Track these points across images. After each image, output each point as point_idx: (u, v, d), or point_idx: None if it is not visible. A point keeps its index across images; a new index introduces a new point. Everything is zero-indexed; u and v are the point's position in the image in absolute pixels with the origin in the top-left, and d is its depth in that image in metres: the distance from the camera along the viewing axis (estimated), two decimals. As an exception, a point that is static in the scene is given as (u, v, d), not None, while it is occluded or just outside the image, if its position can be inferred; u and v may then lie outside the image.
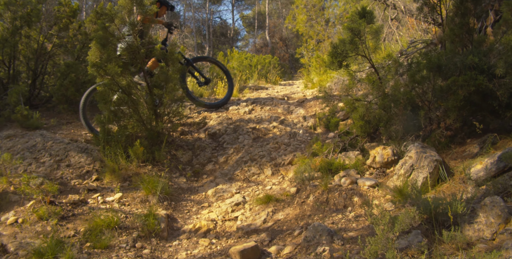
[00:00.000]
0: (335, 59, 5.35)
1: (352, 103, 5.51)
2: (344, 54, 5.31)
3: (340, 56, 5.33)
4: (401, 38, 12.02)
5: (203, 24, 29.17)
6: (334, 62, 5.38)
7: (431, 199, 3.16)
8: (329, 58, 5.43)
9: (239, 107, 8.24)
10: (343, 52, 5.32)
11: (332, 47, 5.39)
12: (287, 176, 5.78)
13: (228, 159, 6.30)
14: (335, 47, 5.36)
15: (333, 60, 5.37)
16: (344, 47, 5.28)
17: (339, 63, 5.41)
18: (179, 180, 5.85)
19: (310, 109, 8.05)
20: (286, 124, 7.32)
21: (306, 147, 6.33)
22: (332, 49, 5.39)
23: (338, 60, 5.36)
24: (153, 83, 6.32)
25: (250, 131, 7.02)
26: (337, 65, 5.42)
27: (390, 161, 4.93)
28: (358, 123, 5.48)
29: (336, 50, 5.35)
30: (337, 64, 5.41)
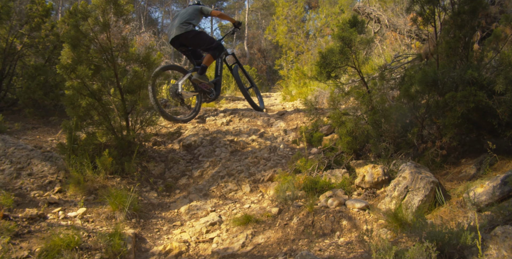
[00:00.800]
0: (323, 69, 5.02)
1: (339, 117, 5.17)
2: (333, 64, 4.98)
3: (329, 67, 5.00)
4: (384, 52, 11.87)
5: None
6: (322, 73, 5.05)
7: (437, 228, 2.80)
8: (317, 68, 5.09)
9: (217, 118, 7.83)
10: (332, 62, 4.99)
11: (321, 57, 5.06)
12: (267, 193, 5.38)
13: (204, 173, 5.87)
14: (324, 57, 5.03)
15: (322, 71, 5.04)
16: (334, 57, 4.95)
17: (327, 74, 5.08)
18: (149, 194, 5.39)
19: (291, 122, 7.70)
20: (266, 137, 6.94)
21: (287, 162, 5.96)
22: (321, 59, 5.06)
23: (327, 71, 5.03)
24: (126, 88, 5.86)
25: (228, 144, 6.61)
26: (325, 76, 5.09)
27: (381, 181, 4.60)
28: (345, 139, 5.15)
29: (325, 60, 5.02)
30: (325, 75, 5.08)
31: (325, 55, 5.02)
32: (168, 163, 6.12)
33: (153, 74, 6.43)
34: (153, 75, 6.44)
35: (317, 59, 5.11)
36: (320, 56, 5.08)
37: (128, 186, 5.28)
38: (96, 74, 5.66)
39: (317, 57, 5.11)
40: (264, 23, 29.21)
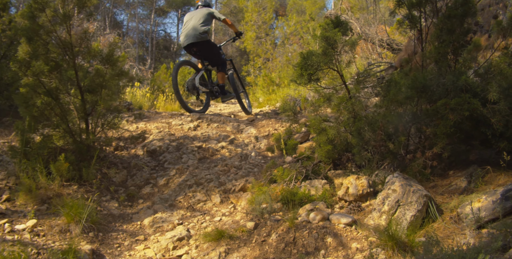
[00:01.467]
0: (304, 71, 4.68)
1: (319, 124, 4.84)
2: (316, 66, 4.65)
3: (311, 68, 4.67)
4: (355, 60, 11.73)
5: (146, 36, 28.00)
6: (303, 75, 4.71)
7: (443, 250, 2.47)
8: (297, 70, 4.75)
9: (183, 122, 7.38)
10: (314, 64, 4.66)
11: (302, 58, 4.72)
12: (239, 205, 4.98)
13: (170, 182, 5.41)
14: (305, 57, 4.69)
15: (303, 73, 4.70)
16: (317, 58, 4.62)
17: (309, 77, 4.75)
18: (110, 204, 4.89)
19: (262, 129, 7.34)
20: (236, 144, 6.54)
21: (261, 171, 5.58)
22: (302, 60, 4.72)
23: (308, 73, 4.69)
24: (86, 87, 5.36)
25: (196, 151, 6.18)
26: (306, 79, 4.75)
27: (365, 193, 4.28)
28: (324, 147, 4.81)
29: (306, 61, 4.68)
30: (306, 78, 4.73)
31: (306, 56, 4.69)
32: (130, 170, 5.63)
33: (176, 66, 7.68)
34: (175, 67, 7.58)
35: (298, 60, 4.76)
36: (301, 57, 4.74)
37: (86, 195, 4.77)
38: (54, 71, 5.14)
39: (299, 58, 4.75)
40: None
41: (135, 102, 9.91)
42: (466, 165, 4.37)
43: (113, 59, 5.47)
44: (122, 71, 5.65)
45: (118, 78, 5.73)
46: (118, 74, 5.67)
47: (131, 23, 27.74)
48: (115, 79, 5.68)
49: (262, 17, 16.84)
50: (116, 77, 5.70)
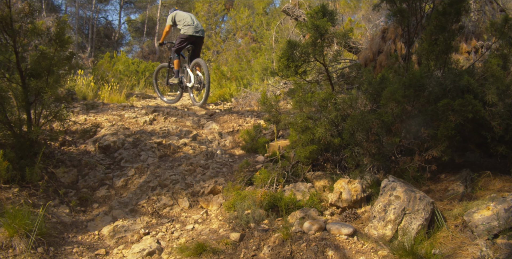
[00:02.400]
0: (292, 63, 4.14)
1: (303, 121, 4.32)
2: (304, 58, 4.13)
3: (300, 60, 4.14)
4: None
5: (86, 23, 26.38)
6: (290, 67, 4.17)
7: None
8: (283, 61, 4.20)
9: (137, 115, 6.65)
10: (302, 55, 4.14)
11: (289, 47, 4.17)
12: (210, 209, 4.39)
13: (129, 183, 4.72)
14: (292, 47, 4.15)
15: (289, 64, 4.16)
16: (305, 49, 4.10)
17: (296, 69, 4.21)
18: (59, 210, 4.14)
19: (225, 125, 6.74)
20: (200, 141, 5.92)
21: (234, 172, 5.01)
22: (288, 50, 4.18)
23: (295, 65, 4.16)
24: (29, 71, 4.55)
25: (156, 147, 5.50)
26: (293, 71, 4.21)
27: (359, 199, 3.83)
28: (309, 147, 4.31)
29: (292, 51, 4.14)
30: (293, 70, 4.20)
31: (293, 45, 4.15)
32: (82, 169, 4.87)
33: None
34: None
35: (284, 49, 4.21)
36: (287, 46, 4.19)
37: (30, 199, 4.01)
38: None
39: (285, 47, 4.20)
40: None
41: (78, 92, 8.99)
42: (456, 168, 4.05)
43: (64, 40, 4.69)
44: (72, 53, 4.87)
45: (67, 62, 4.95)
46: (68, 57, 4.89)
47: (69, 7, 26.04)
48: (64, 63, 4.90)
49: (214, 8, 16.16)
50: (65, 61, 4.92)
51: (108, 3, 28.53)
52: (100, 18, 27.47)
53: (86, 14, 26.41)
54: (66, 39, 4.75)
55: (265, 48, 13.44)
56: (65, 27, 4.83)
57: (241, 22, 16.32)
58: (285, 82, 9.45)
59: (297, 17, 12.31)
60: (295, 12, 12.33)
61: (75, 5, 25.08)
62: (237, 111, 7.61)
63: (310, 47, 4.10)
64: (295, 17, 12.31)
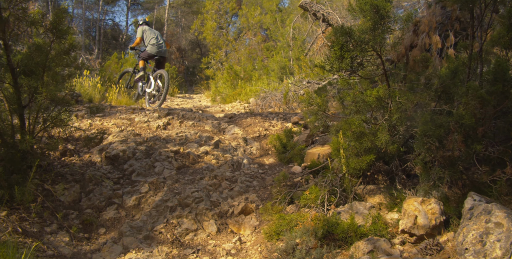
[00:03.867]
0: (347, 53, 3.29)
1: (357, 127, 3.46)
2: (362, 46, 3.28)
3: (357, 49, 3.28)
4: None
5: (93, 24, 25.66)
6: (345, 58, 3.32)
7: None
8: (336, 51, 3.35)
9: (149, 119, 5.84)
10: (359, 44, 3.29)
11: (341, 33, 3.31)
12: (243, 234, 3.57)
13: (142, 202, 3.90)
14: (348, 33, 3.29)
15: (344, 54, 3.31)
16: (364, 35, 3.25)
17: (352, 60, 3.36)
18: (57, 238, 3.32)
19: (249, 129, 5.91)
20: (223, 148, 5.09)
21: (268, 187, 4.17)
22: (341, 37, 3.32)
23: (351, 55, 3.31)
24: (22, 68, 3.76)
25: (172, 157, 4.68)
26: (348, 63, 3.36)
27: (439, 223, 2.98)
28: (365, 158, 3.46)
29: (347, 39, 3.29)
30: (349, 62, 3.34)
31: (346, 31, 3.29)
32: (85, 185, 4.05)
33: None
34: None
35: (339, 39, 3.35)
36: (339, 33, 3.33)
37: (20, 226, 3.19)
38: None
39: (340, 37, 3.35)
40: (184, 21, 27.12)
41: (84, 94, 8.21)
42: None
43: (61, 30, 3.88)
44: (73, 46, 4.06)
45: (67, 57, 4.15)
46: (67, 51, 4.08)
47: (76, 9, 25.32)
48: (62, 58, 4.09)
49: (225, 5, 15.35)
50: (65, 56, 4.12)
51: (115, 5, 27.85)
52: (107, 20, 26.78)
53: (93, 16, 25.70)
54: (65, 29, 3.95)
55: (281, 45, 12.61)
56: (65, 16, 4.03)
57: (253, 20, 15.51)
58: (308, 81, 8.62)
59: (316, 12, 11.49)
60: (313, 6, 11.50)
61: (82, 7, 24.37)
62: (260, 113, 6.78)
63: (369, 33, 3.25)
64: (313, 12, 11.49)
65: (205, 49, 26.95)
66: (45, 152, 4.32)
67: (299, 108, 8.18)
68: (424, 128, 3.14)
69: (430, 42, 6.85)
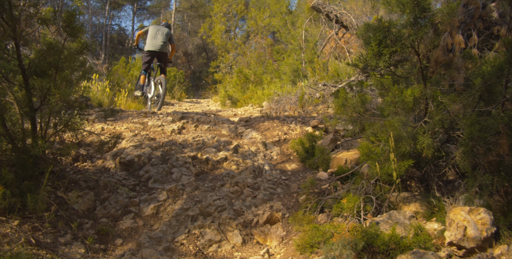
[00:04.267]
0: (385, 49, 3.04)
1: (397, 129, 3.20)
2: (403, 42, 3.03)
3: (398, 44, 3.03)
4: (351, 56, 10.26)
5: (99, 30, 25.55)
6: (383, 55, 3.07)
7: None
8: (373, 47, 3.10)
9: (163, 123, 5.61)
10: (399, 39, 3.04)
11: (381, 28, 3.06)
12: (270, 245, 3.32)
13: (161, 211, 3.65)
14: (384, 27, 3.04)
15: (382, 51, 3.06)
16: (404, 30, 3.00)
17: (390, 57, 3.12)
18: (72, 250, 3.08)
19: (268, 133, 5.66)
20: (242, 153, 4.85)
21: (294, 195, 3.92)
22: (379, 32, 3.07)
23: (390, 51, 3.06)
24: (33, 68, 3.54)
25: (190, 163, 4.44)
26: (387, 60, 3.10)
27: (490, 235, 2.72)
28: (403, 163, 3.21)
29: (386, 34, 3.04)
30: (387, 58, 3.09)
31: (386, 26, 3.04)
32: (100, 192, 3.82)
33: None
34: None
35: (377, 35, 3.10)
36: (375, 28, 3.08)
37: (33, 236, 2.96)
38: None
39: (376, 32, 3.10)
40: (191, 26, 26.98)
41: (93, 98, 8.03)
42: None
43: (75, 27, 3.67)
44: (86, 44, 3.84)
45: (80, 57, 3.93)
46: (80, 50, 3.86)
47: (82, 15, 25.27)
48: (76, 58, 3.88)
49: (233, 8, 15.15)
50: (77, 55, 3.90)
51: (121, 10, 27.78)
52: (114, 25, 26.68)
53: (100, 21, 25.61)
54: (78, 28, 3.73)
55: (292, 48, 12.39)
56: (77, 13, 3.81)
57: (262, 22, 15.30)
58: (324, 84, 8.38)
59: (329, 13, 11.26)
60: (325, 7, 11.28)
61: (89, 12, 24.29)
62: (277, 117, 6.53)
63: (409, 28, 3.01)
64: (326, 13, 11.26)
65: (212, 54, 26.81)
66: (58, 157, 4.10)
67: (314, 112, 7.94)
68: (470, 130, 2.88)
69: (453, 42, 6.59)
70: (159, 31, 8.69)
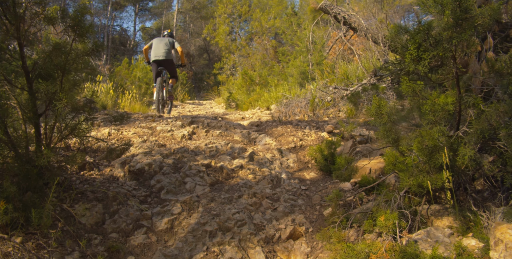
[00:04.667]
0: (425, 53, 2.77)
1: (433, 139, 2.93)
2: (444, 45, 2.76)
3: (439, 49, 2.76)
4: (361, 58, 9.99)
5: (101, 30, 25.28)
6: (423, 59, 2.80)
7: None
8: (412, 51, 2.82)
9: (172, 128, 5.34)
10: (439, 43, 2.77)
11: (420, 31, 2.79)
12: (295, 265, 3.05)
13: (175, 226, 3.38)
14: (425, 29, 2.77)
15: (421, 55, 2.79)
16: (446, 32, 2.73)
17: (431, 61, 2.84)
18: (79, 271, 2.81)
19: (282, 139, 5.40)
20: (258, 161, 4.58)
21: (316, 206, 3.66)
22: (418, 34, 2.80)
23: (431, 55, 2.78)
24: (38, 71, 3.28)
25: (204, 171, 4.17)
26: (426, 65, 2.83)
27: (546, 259, 2.46)
28: (438, 176, 2.95)
29: (426, 36, 2.77)
30: (427, 63, 2.82)
31: (426, 28, 2.77)
32: (109, 204, 3.55)
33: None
34: None
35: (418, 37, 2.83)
36: (418, 30, 2.81)
37: (38, 255, 2.69)
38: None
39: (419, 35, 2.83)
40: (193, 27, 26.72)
41: (97, 100, 7.75)
42: None
43: (84, 27, 3.40)
44: (97, 45, 3.57)
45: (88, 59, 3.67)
46: (88, 52, 3.60)
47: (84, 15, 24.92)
48: (84, 60, 3.61)
49: (238, 9, 14.89)
50: (86, 57, 3.64)
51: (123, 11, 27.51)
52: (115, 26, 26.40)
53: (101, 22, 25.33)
54: (87, 27, 3.47)
55: (299, 50, 12.12)
56: (86, 12, 3.55)
57: (267, 24, 15.04)
58: (335, 87, 8.11)
59: (336, 14, 10.99)
60: (333, 9, 11.01)
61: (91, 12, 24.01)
62: (290, 122, 6.27)
63: (451, 30, 2.74)
64: (334, 14, 10.99)
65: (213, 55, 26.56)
66: (63, 166, 3.82)
67: (325, 115, 7.68)
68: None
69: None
70: (161, 41, 9.08)
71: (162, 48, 8.98)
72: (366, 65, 9.55)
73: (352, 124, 5.42)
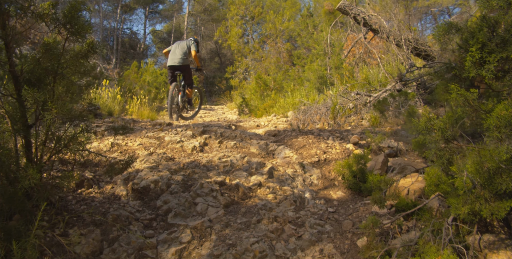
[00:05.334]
0: (491, 55, 2.24)
1: (498, 161, 2.39)
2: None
3: (509, 50, 2.23)
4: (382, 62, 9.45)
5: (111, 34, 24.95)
6: (489, 63, 2.27)
7: None
8: (474, 54, 2.29)
9: (182, 139, 4.85)
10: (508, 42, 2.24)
11: (484, 28, 2.27)
12: None
13: (184, 257, 2.88)
14: (488, 26, 2.25)
15: (486, 57, 2.26)
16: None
17: (498, 64, 2.31)
18: None
19: (304, 152, 4.88)
20: (278, 178, 4.07)
21: (347, 234, 3.13)
22: (479, 32, 2.27)
23: (498, 58, 2.25)
24: (27, 76, 2.81)
25: (217, 190, 3.66)
26: (493, 69, 2.30)
27: None
28: (506, 203, 2.42)
29: (491, 35, 2.25)
30: (493, 67, 2.29)
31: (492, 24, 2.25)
32: (108, 230, 3.05)
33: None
34: None
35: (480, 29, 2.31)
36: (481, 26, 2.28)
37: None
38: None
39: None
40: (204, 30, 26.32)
41: (103, 106, 7.30)
42: None
43: (80, 24, 2.93)
44: (93, 46, 3.09)
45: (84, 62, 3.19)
46: (85, 54, 3.12)
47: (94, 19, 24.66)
48: (80, 63, 3.14)
49: (251, 10, 14.41)
50: (81, 60, 3.16)
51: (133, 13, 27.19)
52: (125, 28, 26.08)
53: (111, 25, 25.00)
54: (82, 25, 2.99)
55: (316, 53, 11.60)
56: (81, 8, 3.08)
57: (281, 26, 14.53)
58: (358, 93, 7.58)
59: (356, 15, 10.46)
60: (352, 9, 10.48)
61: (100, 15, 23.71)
62: (310, 131, 5.75)
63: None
64: (353, 15, 10.46)
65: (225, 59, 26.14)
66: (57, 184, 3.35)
67: (347, 124, 7.15)
68: None
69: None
70: (179, 45, 8.92)
71: (178, 54, 8.82)
72: (389, 69, 9.00)
73: (381, 135, 4.89)
